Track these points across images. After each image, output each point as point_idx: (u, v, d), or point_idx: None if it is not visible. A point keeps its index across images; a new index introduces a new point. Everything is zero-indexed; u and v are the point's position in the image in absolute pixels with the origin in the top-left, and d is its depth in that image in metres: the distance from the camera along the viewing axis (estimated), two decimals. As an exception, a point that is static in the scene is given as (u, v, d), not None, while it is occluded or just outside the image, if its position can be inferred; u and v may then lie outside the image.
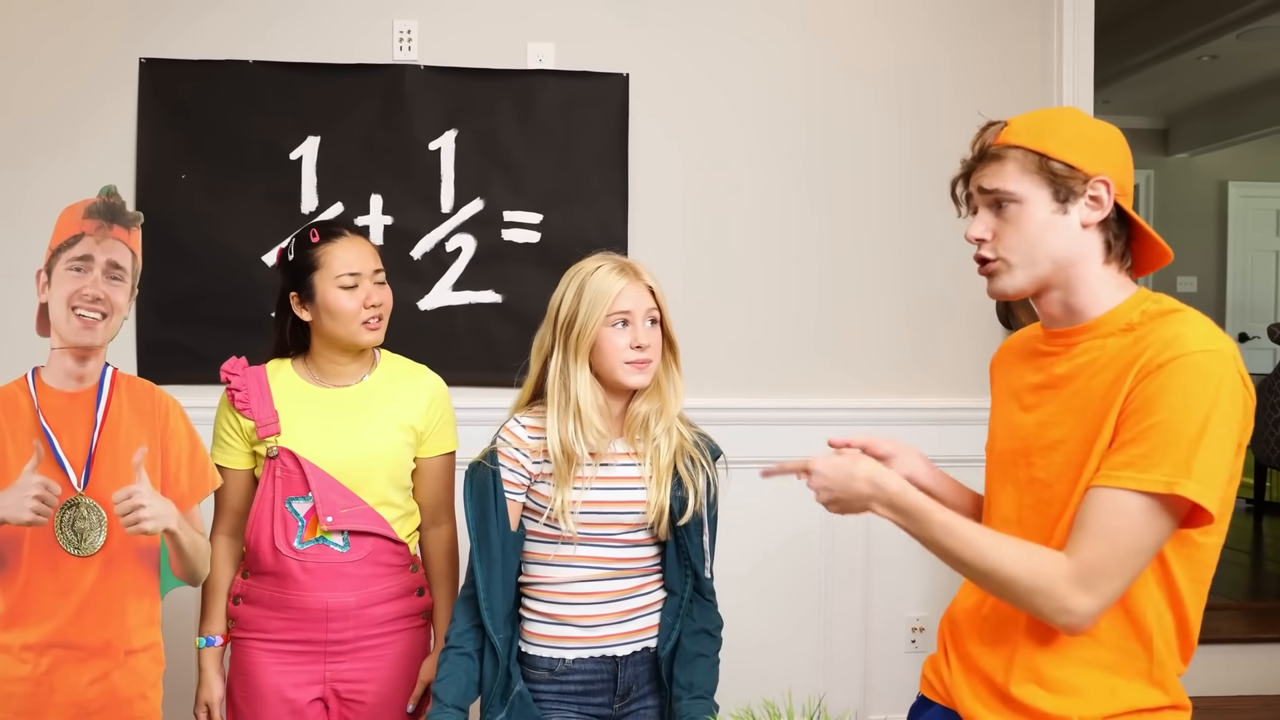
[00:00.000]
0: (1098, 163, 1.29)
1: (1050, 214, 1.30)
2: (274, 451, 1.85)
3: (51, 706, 1.68)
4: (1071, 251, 1.31)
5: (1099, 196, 1.29)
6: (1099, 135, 1.33)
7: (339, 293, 1.85)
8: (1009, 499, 1.37)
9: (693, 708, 1.63)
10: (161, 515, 1.64)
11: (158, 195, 2.69)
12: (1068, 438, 1.30)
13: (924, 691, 1.47)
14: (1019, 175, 1.30)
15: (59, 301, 1.69)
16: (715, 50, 2.88)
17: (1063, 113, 1.38)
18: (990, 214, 1.33)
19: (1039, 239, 1.30)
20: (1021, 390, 1.40)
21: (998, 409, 1.45)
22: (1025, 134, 1.31)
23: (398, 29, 2.80)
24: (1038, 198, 1.30)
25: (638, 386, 1.70)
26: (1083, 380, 1.31)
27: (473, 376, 2.50)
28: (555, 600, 1.71)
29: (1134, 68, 6.16)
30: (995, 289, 1.36)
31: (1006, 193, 1.31)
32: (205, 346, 2.66)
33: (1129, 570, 1.21)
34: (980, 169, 1.34)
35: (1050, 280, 1.33)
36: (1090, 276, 1.32)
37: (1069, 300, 1.33)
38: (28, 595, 1.69)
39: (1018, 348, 1.47)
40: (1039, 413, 1.36)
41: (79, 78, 2.72)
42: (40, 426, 1.69)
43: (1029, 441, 1.36)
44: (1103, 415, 1.26)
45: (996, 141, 1.32)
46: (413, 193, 2.80)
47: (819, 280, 2.90)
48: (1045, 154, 1.29)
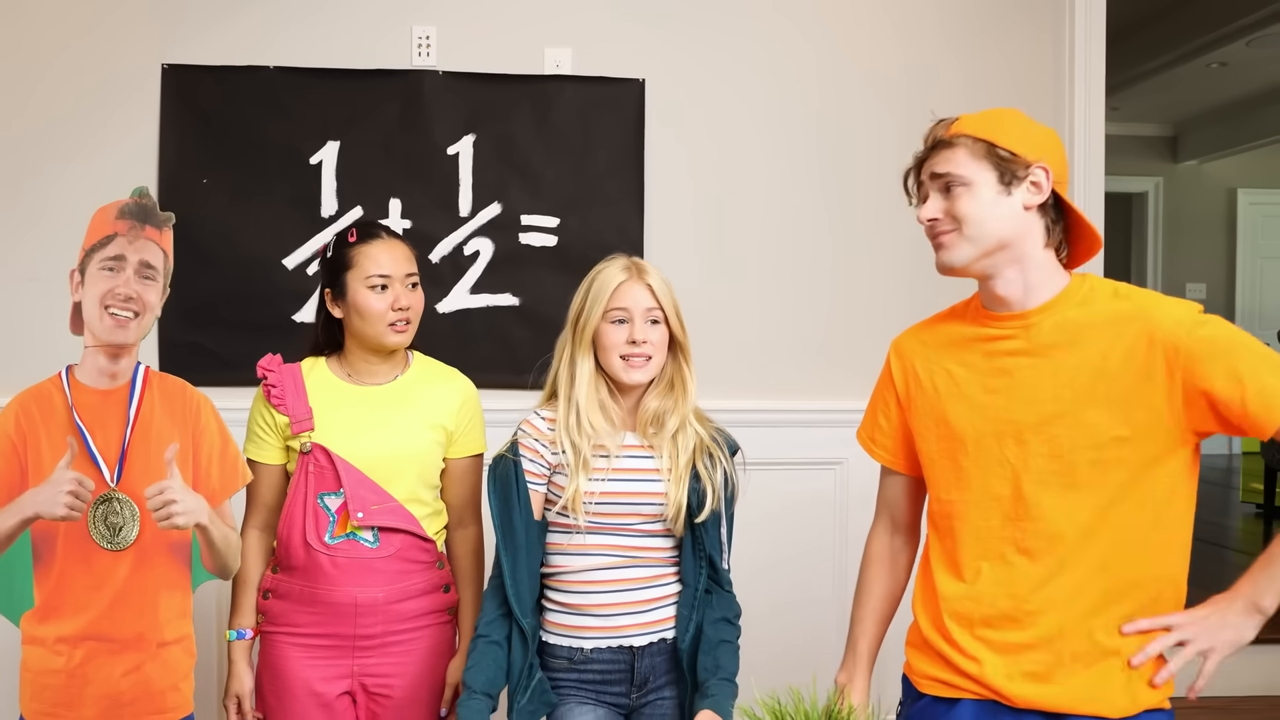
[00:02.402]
0: (1038, 152, 1.42)
1: (995, 194, 1.42)
2: (307, 447, 1.88)
3: (86, 698, 1.72)
4: (1015, 230, 1.42)
5: (1039, 182, 1.42)
6: (1039, 131, 1.47)
7: (368, 293, 1.89)
8: (1002, 478, 1.44)
9: (719, 688, 1.67)
10: (193, 510, 1.67)
11: (180, 199, 2.71)
12: (1066, 412, 1.40)
13: (937, 691, 1.49)
14: (968, 159, 1.42)
15: (92, 300, 1.72)
16: (729, 55, 2.92)
17: (1007, 110, 1.50)
18: (940, 197, 1.45)
19: (985, 216, 1.42)
20: (977, 374, 1.47)
21: (945, 396, 1.51)
22: (974, 125, 1.44)
23: (416, 35, 2.84)
24: (984, 180, 1.42)
25: (633, 382, 1.75)
26: (1070, 356, 1.41)
27: (490, 378, 2.50)
28: (574, 590, 1.75)
29: (1143, 75, 6.19)
30: (944, 260, 1.47)
31: (956, 176, 1.43)
32: (227, 348, 2.72)
33: None
34: (932, 157, 1.46)
35: (997, 257, 1.43)
36: (1037, 256, 1.44)
37: (1023, 279, 1.44)
38: (62, 589, 1.73)
39: (942, 336, 1.55)
40: (1018, 393, 1.43)
41: (103, 83, 2.76)
42: (74, 423, 1.72)
43: (1017, 420, 1.43)
44: (1131, 389, 1.37)
45: (948, 133, 1.45)
46: (431, 197, 2.83)
47: (830, 283, 2.93)
48: (992, 141, 1.42)
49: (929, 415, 1.53)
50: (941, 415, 1.51)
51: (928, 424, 1.53)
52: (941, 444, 1.51)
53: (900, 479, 1.64)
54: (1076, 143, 3.06)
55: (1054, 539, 1.41)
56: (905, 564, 1.67)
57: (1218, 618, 1.39)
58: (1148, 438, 1.38)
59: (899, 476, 1.64)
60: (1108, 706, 1.38)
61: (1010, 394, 1.44)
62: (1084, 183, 3.06)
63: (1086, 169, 3.07)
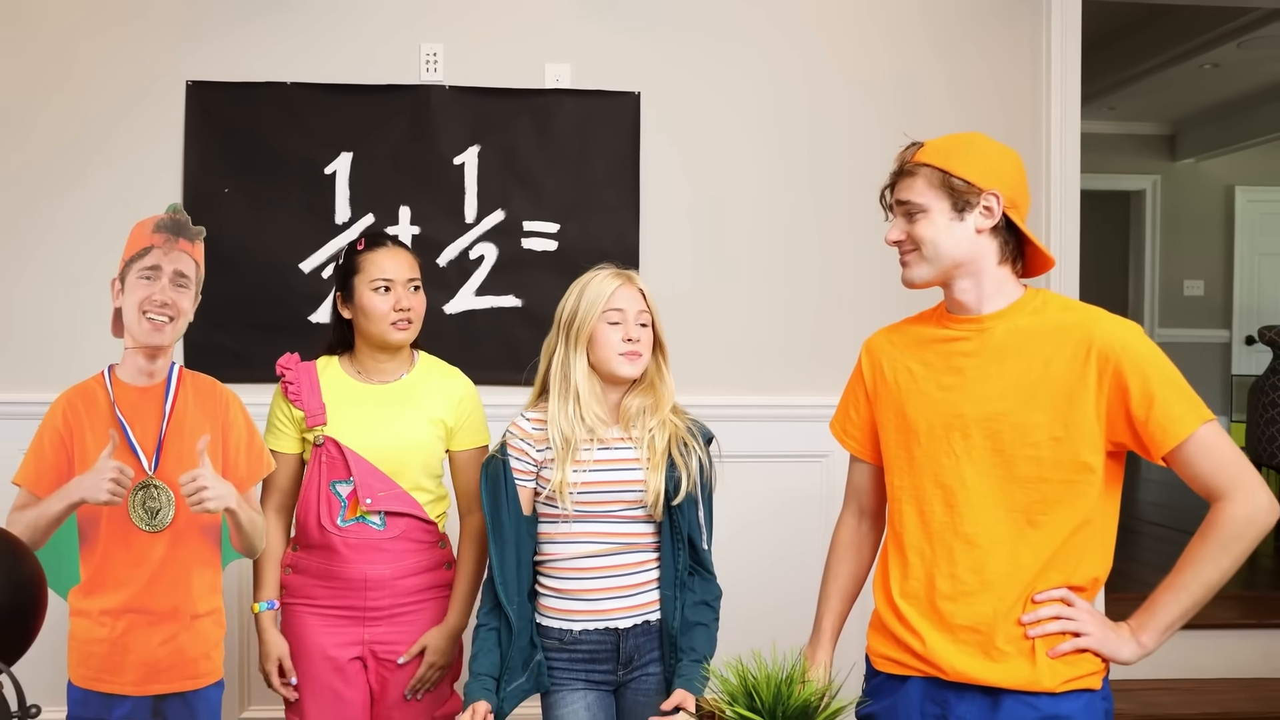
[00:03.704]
0: (991, 180, 1.54)
1: (949, 220, 1.55)
2: (320, 440, 2.04)
3: (127, 665, 1.88)
4: (968, 251, 1.56)
5: (990, 207, 1.55)
6: (997, 157, 1.58)
7: (372, 295, 2.04)
8: (947, 468, 1.57)
9: (690, 669, 1.80)
10: (222, 495, 1.83)
11: (202, 208, 2.83)
12: (1009, 411, 1.53)
13: (889, 669, 1.62)
14: (925, 188, 1.56)
15: (131, 306, 1.88)
16: (721, 65, 3.05)
17: (970, 137, 1.61)
18: (904, 220, 1.59)
19: (940, 240, 1.56)
20: (933, 372, 1.61)
21: (905, 391, 1.64)
22: (934, 154, 1.57)
23: (425, 52, 2.98)
24: (940, 207, 1.55)
25: (628, 376, 1.88)
26: (1017, 360, 1.54)
27: (494, 376, 2.62)
28: (564, 576, 1.88)
29: (1138, 75, 6.23)
30: (906, 276, 1.62)
31: (915, 203, 1.57)
32: (247, 347, 2.85)
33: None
34: (898, 182, 1.60)
35: (954, 274, 1.58)
36: (991, 271, 1.58)
37: (978, 291, 1.58)
38: (105, 566, 1.89)
39: (908, 337, 1.69)
40: (967, 390, 1.57)
41: (131, 99, 2.92)
42: (116, 417, 1.88)
43: (964, 415, 1.56)
44: (1069, 394, 1.50)
45: (912, 160, 1.58)
46: (438, 204, 2.97)
47: (819, 285, 3.06)
48: (948, 171, 1.55)
49: (890, 408, 1.66)
50: (900, 408, 1.64)
51: (889, 416, 1.67)
52: (899, 435, 1.65)
53: (867, 468, 1.77)
54: (1053, 144, 3.18)
55: (989, 527, 1.54)
56: (870, 548, 1.80)
57: (1112, 628, 1.52)
58: (1080, 440, 1.50)
59: (866, 465, 1.77)
60: (1036, 684, 1.50)
61: (961, 391, 1.58)
62: (1061, 183, 3.18)
63: (1064, 169, 3.19)
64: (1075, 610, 1.52)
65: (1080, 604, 1.53)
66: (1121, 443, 1.51)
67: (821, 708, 1.35)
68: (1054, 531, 1.52)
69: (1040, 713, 1.50)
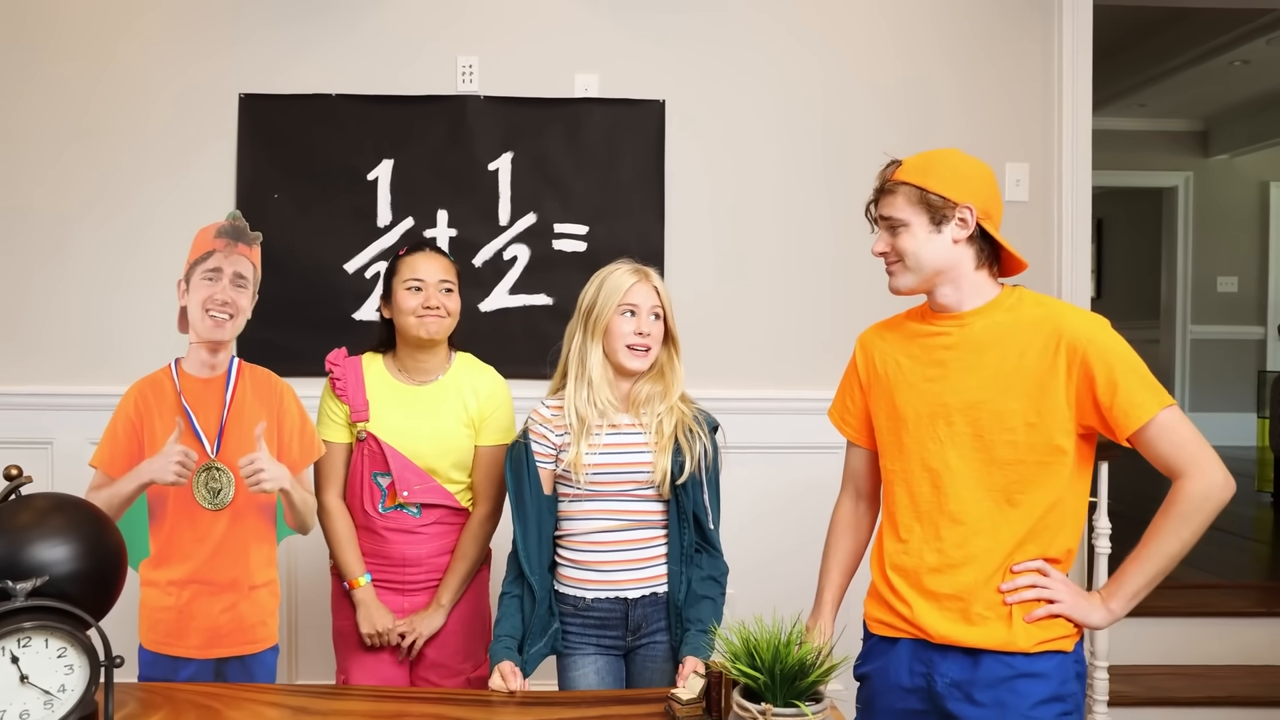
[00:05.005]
0: (965, 194, 1.67)
1: (927, 234, 1.69)
2: (363, 435, 2.20)
3: (191, 630, 2.05)
4: (946, 260, 1.70)
5: (965, 219, 1.68)
6: (970, 172, 1.70)
7: (404, 292, 2.19)
8: (933, 452, 1.71)
9: (696, 639, 1.95)
10: (277, 477, 1.99)
11: (254, 213, 2.97)
12: (987, 399, 1.66)
13: (882, 632, 1.77)
14: (904, 205, 1.69)
15: (195, 305, 2.04)
16: (741, 75, 3.18)
17: (945, 154, 1.73)
18: (887, 234, 1.73)
19: (919, 251, 1.69)
20: (919, 365, 1.74)
21: (894, 382, 1.78)
22: (912, 173, 1.70)
23: (461, 64, 3.14)
24: (918, 222, 1.69)
25: (634, 369, 2.02)
26: (993, 353, 1.67)
27: (526, 370, 2.71)
28: (579, 549, 2.03)
29: (1168, 72, 6.21)
30: (893, 285, 1.75)
31: (896, 219, 1.71)
32: (295, 343, 3.00)
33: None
34: (880, 199, 1.74)
35: (935, 281, 1.71)
36: (969, 276, 1.71)
37: (958, 293, 1.72)
38: (172, 541, 2.06)
39: (897, 331, 1.82)
40: (949, 381, 1.70)
41: (188, 112, 3.11)
42: (181, 405, 2.05)
43: (947, 404, 1.70)
44: (1041, 382, 1.63)
45: (892, 178, 1.71)
46: (474, 208, 3.13)
47: (832, 283, 3.18)
48: (924, 188, 1.68)
49: (882, 398, 1.80)
50: (890, 398, 1.78)
51: (880, 405, 1.81)
52: (889, 422, 1.79)
53: (863, 452, 1.91)
54: (1065, 148, 3.28)
55: (971, 505, 1.68)
56: (867, 527, 1.94)
57: (1084, 596, 1.67)
58: (1053, 425, 1.64)
59: (862, 450, 1.91)
60: (1013, 644, 1.64)
61: (944, 382, 1.71)
62: (1073, 187, 3.28)
63: (1075, 173, 3.29)
64: (1050, 580, 1.66)
65: (1055, 574, 1.67)
66: (1090, 426, 1.65)
67: (816, 665, 1.48)
68: (1031, 509, 1.66)
69: (1015, 670, 1.64)
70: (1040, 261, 3.24)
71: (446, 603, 2.22)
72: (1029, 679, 1.64)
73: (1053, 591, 1.65)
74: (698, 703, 1.65)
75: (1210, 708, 3.06)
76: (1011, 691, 1.63)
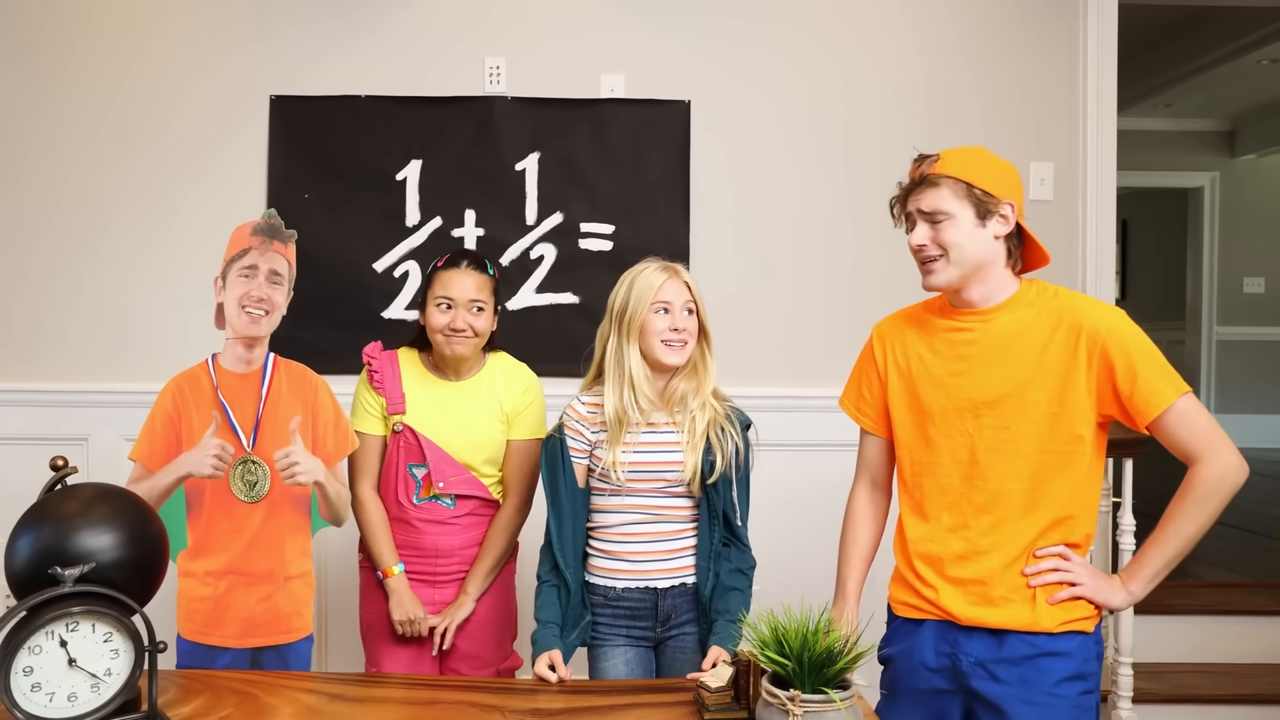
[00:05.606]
0: (1006, 191, 1.70)
1: (974, 228, 1.70)
2: (399, 427, 2.24)
3: (228, 620, 2.09)
4: (987, 255, 1.72)
5: (1007, 215, 1.71)
6: (1005, 170, 1.73)
7: (434, 310, 2.21)
8: (962, 445, 1.74)
9: (724, 629, 1.97)
10: (312, 470, 2.02)
11: (284, 212, 2.91)
12: (1013, 393, 1.69)
13: (907, 614, 1.81)
14: (950, 198, 1.71)
15: (232, 301, 2.08)
16: (764, 77, 3.21)
17: (980, 150, 1.76)
18: (927, 227, 1.73)
19: (966, 245, 1.71)
20: (942, 360, 1.76)
21: (917, 376, 1.79)
22: (955, 166, 1.71)
23: (488, 65, 3.18)
24: (965, 215, 1.71)
25: (673, 363, 2.04)
26: (1017, 347, 1.70)
27: (553, 368, 2.74)
28: (611, 540, 2.07)
29: (1192, 72, 6.17)
30: (931, 282, 1.75)
31: (943, 212, 1.71)
32: (325, 341, 3.05)
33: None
34: (917, 192, 1.73)
35: (970, 276, 1.73)
36: (999, 274, 1.74)
37: (986, 289, 1.75)
38: (209, 533, 2.10)
39: (916, 324, 1.84)
40: (974, 375, 1.73)
41: (220, 113, 3.16)
42: (218, 400, 2.09)
43: (974, 398, 1.73)
44: (1063, 374, 1.66)
45: (933, 171, 1.72)
46: (502, 207, 3.16)
47: (852, 282, 3.21)
48: (971, 183, 1.70)
49: (903, 390, 1.83)
50: (914, 391, 1.81)
51: (902, 398, 1.83)
52: (913, 415, 1.81)
53: (879, 441, 1.93)
54: (1090, 144, 3.29)
55: (1000, 495, 1.71)
56: (882, 515, 1.97)
57: (1104, 579, 1.71)
58: (1075, 415, 1.67)
59: (878, 440, 1.92)
60: (1036, 624, 1.69)
61: (968, 376, 1.74)
62: (1097, 188, 3.29)
63: (1100, 174, 3.30)
64: (1071, 564, 1.70)
65: (1076, 558, 1.71)
66: (1110, 414, 1.68)
67: (844, 653, 1.51)
68: (1054, 498, 1.70)
69: (1039, 649, 1.69)
70: (1065, 261, 3.24)
71: (473, 592, 2.25)
72: (1053, 658, 1.68)
73: (1075, 574, 1.69)
74: (726, 691, 1.67)
75: (1234, 705, 3.07)
76: (1035, 669, 1.67)
